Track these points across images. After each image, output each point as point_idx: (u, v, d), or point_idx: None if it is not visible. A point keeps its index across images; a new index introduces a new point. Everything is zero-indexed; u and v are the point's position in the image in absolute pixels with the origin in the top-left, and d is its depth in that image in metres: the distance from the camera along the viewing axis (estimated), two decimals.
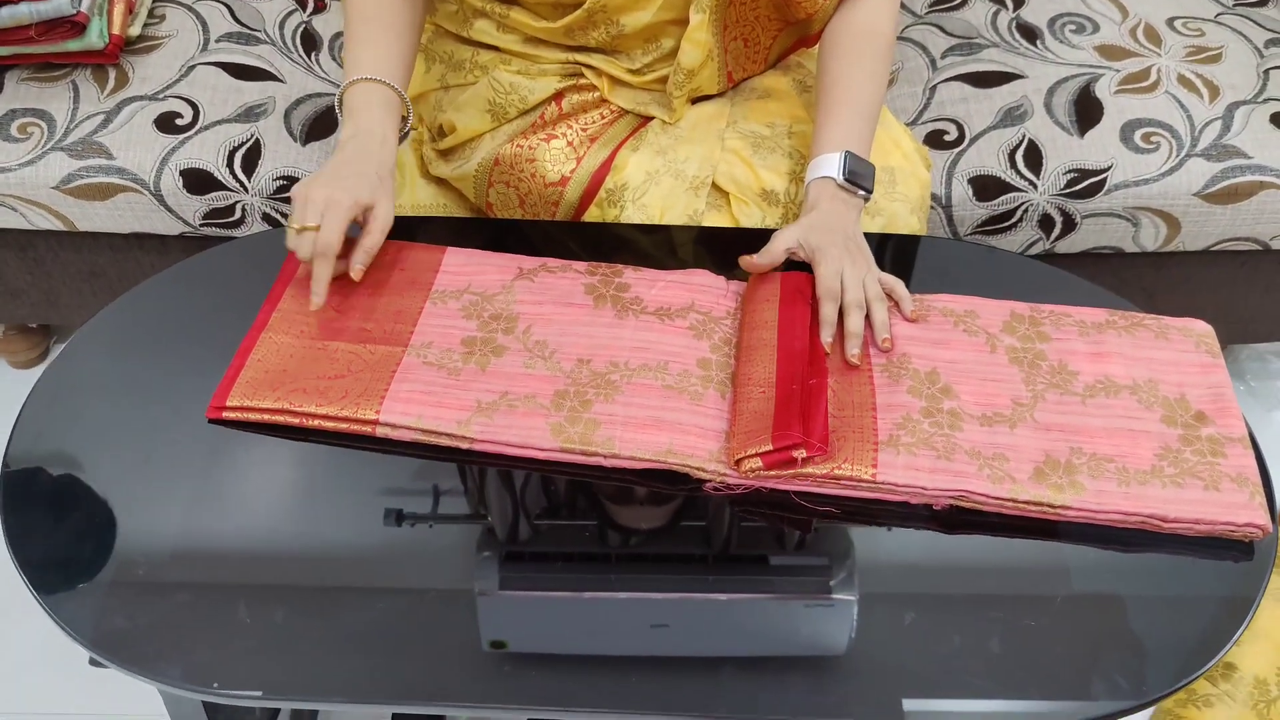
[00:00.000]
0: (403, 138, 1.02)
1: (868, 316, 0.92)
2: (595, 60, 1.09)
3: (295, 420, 0.86)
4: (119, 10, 1.29)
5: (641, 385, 0.87)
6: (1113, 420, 0.86)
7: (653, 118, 1.11)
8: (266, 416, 0.86)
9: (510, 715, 0.80)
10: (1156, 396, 0.88)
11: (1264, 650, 1.03)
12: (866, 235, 1.06)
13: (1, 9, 1.21)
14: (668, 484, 0.84)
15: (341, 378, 0.88)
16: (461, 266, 0.98)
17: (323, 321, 0.93)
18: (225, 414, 0.87)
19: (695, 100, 1.13)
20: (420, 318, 0.93)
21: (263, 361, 0.90)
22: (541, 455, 0.84)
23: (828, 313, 0.92)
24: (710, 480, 0.83)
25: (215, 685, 0.73)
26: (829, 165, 1.00)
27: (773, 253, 0.96)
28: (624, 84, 1.11)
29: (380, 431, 0.85)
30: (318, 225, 0.90)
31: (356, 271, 0.92)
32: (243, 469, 0.87)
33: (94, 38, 1.26)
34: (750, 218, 1.07)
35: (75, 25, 1.24)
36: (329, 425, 0.86)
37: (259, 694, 0.74)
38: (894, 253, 1.05)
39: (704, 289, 0.96)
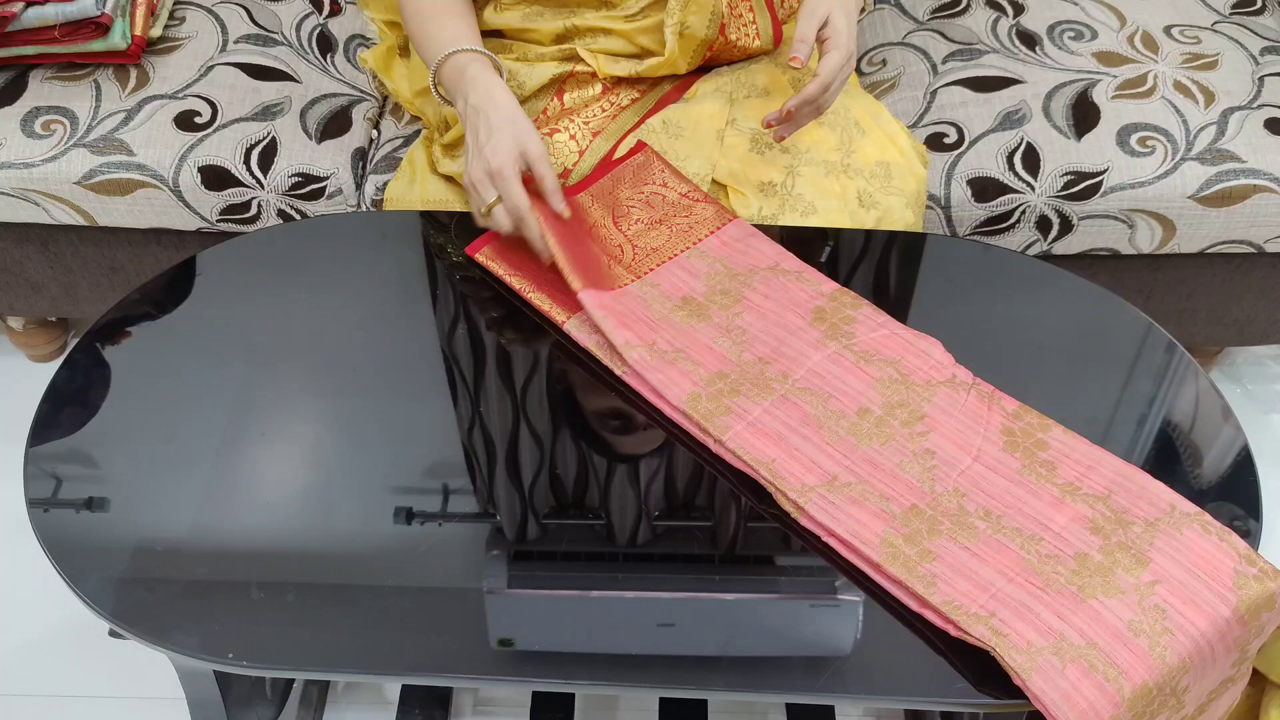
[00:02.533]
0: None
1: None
2: (588, 32, 1.11)
3: (515, 287, 0.99)
4: (141, 12, 1.33)
5: (792, 403, 0.89)
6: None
7: (654, 113, 1.14)
8: (501, 273, 1.00)
9: (515, 688, 0.82)
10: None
11: None
12: (861, 230, 1.09)
13: (28, 10, 1.24)
14: (752, 495, 0.85)
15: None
16: (733, 240, 1.03)
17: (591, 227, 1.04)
18: (477, 255, 1.02)
19: (692, 97, 1.14)
20: (668, 262, 1.01)
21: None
22: (667, 411, 0.89)
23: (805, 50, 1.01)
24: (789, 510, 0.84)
25: (230, 655, 0.76)
26: None
27: (807, 38, 1.01)
28: (617, 55, 1.13)
29: (567, 328, 0.96)
30: (498, 198, 0.98)
31: (564, 209, 0.99)
32: (256, 462, 0.89)
33: (117, 38, 1.29)
34: (747, 209, 1.09)
35: (99, 26, 1.27)
36: (535, 302, 0.98)
37: (271, 664, 0.77)
38: (891, 250, 1.08)
39: (923, 354, 0.93)
